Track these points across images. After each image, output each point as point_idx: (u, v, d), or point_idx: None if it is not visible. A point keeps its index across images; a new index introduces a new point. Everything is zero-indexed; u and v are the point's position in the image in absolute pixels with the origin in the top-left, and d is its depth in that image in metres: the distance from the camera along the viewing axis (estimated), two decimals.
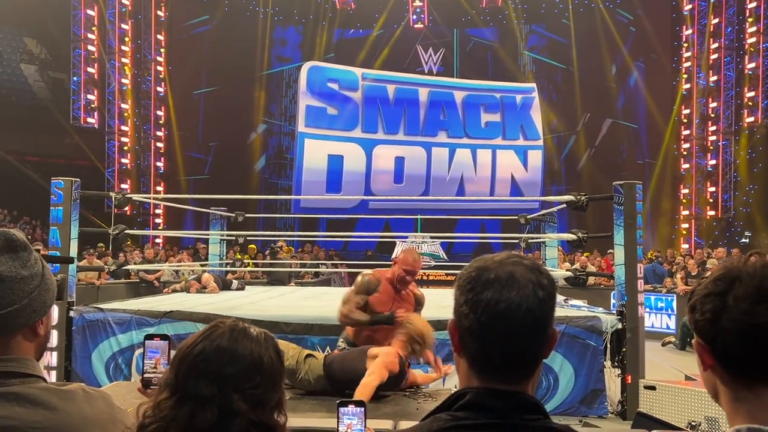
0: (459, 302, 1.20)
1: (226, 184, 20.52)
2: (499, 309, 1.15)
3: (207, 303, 7.17)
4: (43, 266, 1.45)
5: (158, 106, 22.25)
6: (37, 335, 1.42)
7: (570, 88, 23.34)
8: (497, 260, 1.21)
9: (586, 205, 6.66)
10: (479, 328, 1.16)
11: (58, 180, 6.26)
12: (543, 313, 1.18)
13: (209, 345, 1.33)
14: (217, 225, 10.03)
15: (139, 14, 21.85)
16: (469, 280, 1.19)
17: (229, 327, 1.37)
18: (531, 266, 1.20)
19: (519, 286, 1.16)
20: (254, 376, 1.32)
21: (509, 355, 1.17)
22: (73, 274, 6.30)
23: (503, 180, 22.61)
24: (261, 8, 23.21)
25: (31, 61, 24.04)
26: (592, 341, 5.88)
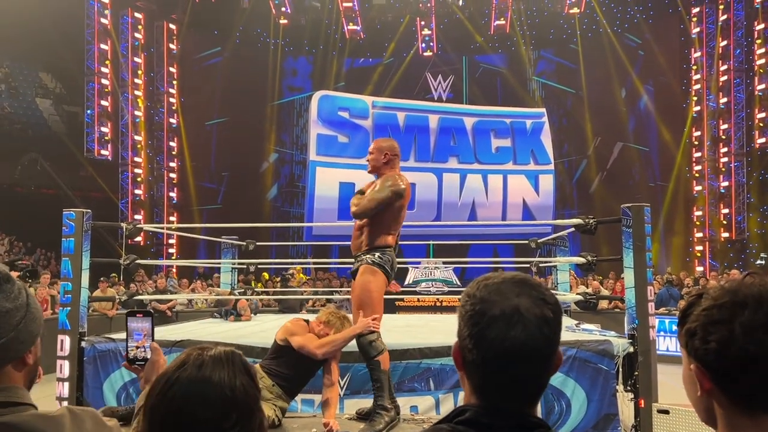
0: (463, 333, 1.20)
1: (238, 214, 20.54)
2: (504, 347, 1.14)
3: (217, 332, 7.18)
4: (27, 296, 1.44)
5: (171, 137, 22.48)
6: (26, 364, 1.42)
7: (580, 112, 23.37)
8: (502, 290, 1.19)
9: (594, 228, 6.63)
10: (483, 363, 1.16)
11: (69, 211, 6.32)
12: (549, 347, 1.17)
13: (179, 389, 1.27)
14: (229, 253, 10.06)
15: (152, 47, 22.18)
16: (473, 314, 1.18)
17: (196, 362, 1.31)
18: (536, 297, 1.19)
19: (524, 323, 1.15)
20: (230, 415, 1.26)
21: (513, 388, 1.17)
22: (85, 304, 6.32)
23: (515, 205, 22.56)
24: (272, 39, 23.49)
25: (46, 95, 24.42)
26: (604, 365, 5.81)
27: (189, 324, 8.97)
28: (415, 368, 5.79)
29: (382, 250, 4.68)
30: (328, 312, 4.88)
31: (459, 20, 23.52)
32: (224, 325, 8.47)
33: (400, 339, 5.88)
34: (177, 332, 7.01)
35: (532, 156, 22.91)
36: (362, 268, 4.67)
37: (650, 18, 22.32)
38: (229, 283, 10.19)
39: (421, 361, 5.77)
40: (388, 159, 4.85)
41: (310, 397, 5.45)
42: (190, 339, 6.19)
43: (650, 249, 6.10)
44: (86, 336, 6.28)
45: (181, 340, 6.13)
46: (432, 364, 5.66)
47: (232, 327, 8.18)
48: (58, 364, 6.14)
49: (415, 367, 5.79)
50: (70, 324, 6.14)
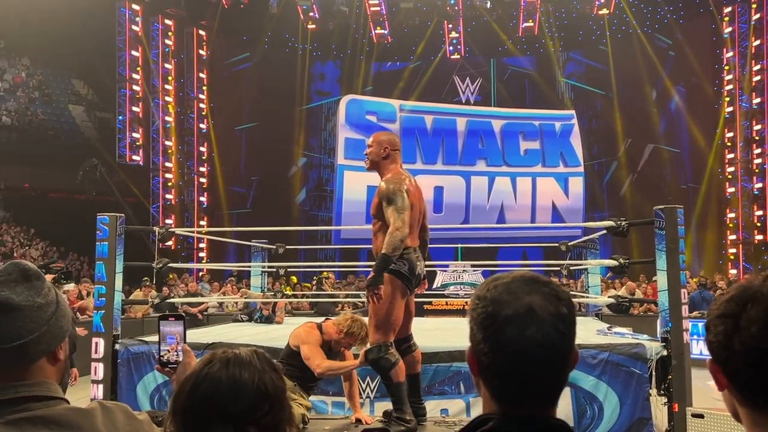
0: (476, 337, 1.16)
1: (267, 217, 20.73)
2: (519, 348, 1.11)
3: (249, 335, 7.23)
4: (56, 293, 1.49)
5: (201, 142, 22.69)
6: (58, 360, 1.46)
7: (610, 114, 23.15)
8: (513, 290, 1.16)
9: (626, 230, 6.57)
10: (499, 366, 1.14)
11: (103, 216, 6.42)
12: (565, 344, 1.15)
13: (209, 386, 1.31)
14: (259, 257, 10.13)
15: (182, 54, 22.42)
16: (486, 315, 1.15)
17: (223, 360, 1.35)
18: (549, 293, 1.16)
19: (539, 322, 1.12)
20: (263, 405, 1.30)
21: (532, 389, 1.15)
22: (118, 308, 6.41)
23: (544, 208, 22.41)
24: (300, 44, 23.62)
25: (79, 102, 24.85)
26: (636, 369, 5.75)
27: (220, 327, 9.04)
28: (445, 371, 5.79)
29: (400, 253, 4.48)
30: (350, 320, 4.78)
31: (486, 23, 23.43)
32: (255, 327, 8.52)
33: (430, 342, 5.87)
34: (208, 335, 7.07)
35: (561, 158, 22.75)
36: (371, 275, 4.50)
37: (681, 18, 22.05)
38: (259, 286, 10.25)
39: (451, 364, 5.77)
40: (387, 153, 4.67)
41: (341, 400, 5.47)
42: (222, 341, 6.24)
43: (683, 251, 6.02)
44: (120, 338, 6.36)
45: (213, 343, 6.19)
46: (462, 367, 5.65)
47: (262, 330, 8.23)
48: (93, 367, 6.23)
49: (445, 370, 5.79)
50: (104, 327, 6.23)
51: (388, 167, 4.65)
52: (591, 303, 9.69)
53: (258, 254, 10.14)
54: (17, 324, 1.38)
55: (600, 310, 9.71)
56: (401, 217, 4.31)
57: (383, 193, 4.45)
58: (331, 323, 4.88)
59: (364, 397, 5.62)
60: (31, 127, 23.42)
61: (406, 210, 4.34)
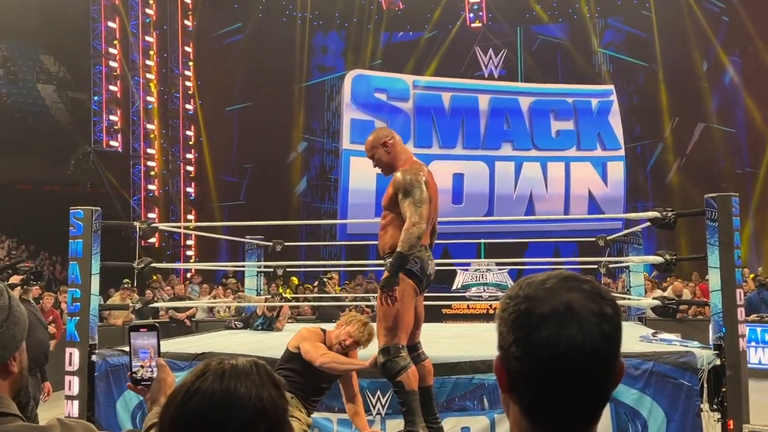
0: (507, 341, 1.14)
1: (263, 210, 20.78)
2: (558, 351, 1.09)
3: (243, 343, 7.25)
4: (9, 298, 1.48)
5: (187, 125, 22.76)
6: (10, 372, 1.45)
7: (654, 89, 23.04)
8: (549, 287, 1.14)
9: (673, 223, 6.53)
10: (533, 372, 1.11)
11: (77, 209, 6.40)
12: (610, 350, 1.12)
13: (202, 400, 1.28)
14: (254, 255, 10.14)
15: (165, 25, 22.44)
16: (518, 314, 1.13)
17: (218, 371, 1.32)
18: (590, 291, 1.13)
19: (580, 321, 1.09)
20: (259, 423, 1.28)
21: (570, 403, 1.12)
22: (95, 314, 6.42)
23: (579, 197, 22.36)
24: (299, 13, 23.60)
25: (49, 81, 24.89)
26: (685, 380, 5.72)
27: (210, 335, 9.06)
28: (466, 384, 5.78)
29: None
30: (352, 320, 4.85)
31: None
32: (251, 335, 8.54)
33: (449, 351, 5.87)
34: (197, 344, 7.09)
35: (598, 140, 22.68)
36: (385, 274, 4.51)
37: None
38: (254, 288, 10.27)
39: (473, 377, 5.75)
40: (388, 146, 4.73)
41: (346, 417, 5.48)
42: (213, 351, 6.25)
43: (739, 246, 5.99)
44: (97, 349, 6.38)
45: (202, 353, 6.20)
46: (486, 379, 5.64)
47: (258, 338, 8.25)
48: (67, 381, 6.24)
49: (467, 383, 5.78)
50: (80, 335, 6.23)
51: (399, 158, 4.72)
52: (633, 305, 9.65)
53: (253, 252, 10.16)
54: None
55: (644, 314, 9.67)
56: (419, 211, 4.35)
57: (400, 184, 4.48)
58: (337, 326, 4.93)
59: (374, 414, 5.63)
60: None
61: (424, 203, 4.39)
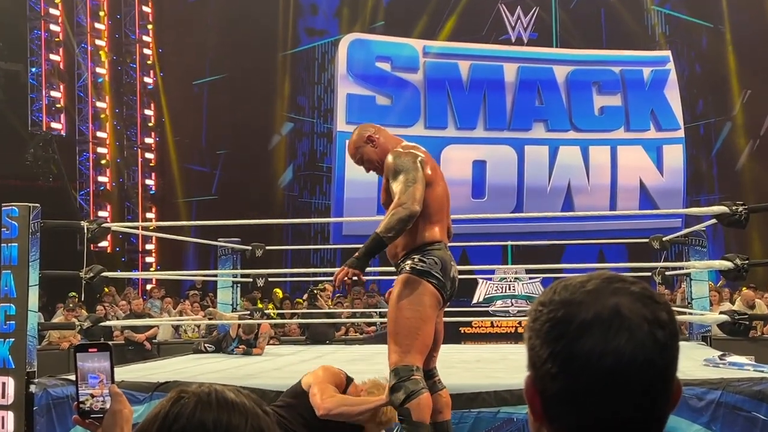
0: (540, 356, 1.13)
1: (240, 207, 20.81)
2: (605, 365, 1.08)
3: (215, 370, 7.27)
4: None
5: (146, 103, 22.77)
6: None
7: (721, 55, 23.06)
8: (591, 289, 1.13)
9: (745, 219, 6.53)
10: (575, 392, 1.10)
11: (10, 207, 6.41)
12: (665, 362, 1.12)
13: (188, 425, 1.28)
14: (228, 262, 10.16)
15: None
16: (554, 322, 1.12)
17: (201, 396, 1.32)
18: (640, 294, 1.13)
19: (630, 328, 1.09)
20: None
21: (622, 427, 1.11)
22: (33, 334, 6.44)
23: (628, 188, 22.39)
24: None
25: None
26: (761, 414, 5.74)
27: (176, 359, 9.09)
28: (491, 419, 5.79)
29: (425, 249, 4.43)
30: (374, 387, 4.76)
31: None
32: (225, 360, 8.55)
33: (469, 379, 5.89)
34: (160, 371, 7.11)
35: (652, 119, 22.70)
36: (398, 280, 4.44)
37: None
38: (229, 302, 10.30)
39: (498, 410, 5.77)
40: (374, 141, 4.76)
41: None
42: (178, 380, 6.27)
43: None
44: (36, 377, 6.39)
45: (166, 382, 6.21)
46: (515, 413, 5.65)
47: (234, 364, 8.26)
48: (0, 417, 6.26)
49: (491, 418, 5.79)
50: (14, 361, 6.25)
51: (387, 147, 4.70)
52: (696, 321, 9.66)
53: (227, 258, 10.18)
54: None
55: (708, 332, 9.68)
56: (409, 191, 4.30)
57: (389, 167, 4.50)
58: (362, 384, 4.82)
59: None
60: None
61: (418, 182, 4.34)
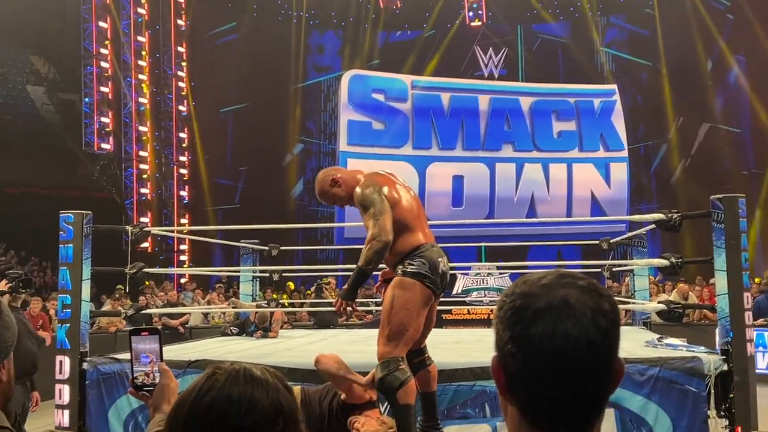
0: (503, 338, 1.14)
1: (259, 214, 20.73)
2: (554, 345, 1.09)
3: (237, 350, 7.23)
4: None
5: (181, 127, 22.74)
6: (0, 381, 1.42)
7: (658, 88, 23.06)
8: (545, 283, 1.15)
9: (678, 225, 6.51)
10: (530, 368, 1.11)
11: (67, 213, 6.39)
12: (607, 344, 1.12)
13: (218, 395, 1.28)
14: (249, 260, 10.13)
15: (157, 24, 22.42)
16: (514, 310, 1.13)
17: (232, 372, 1.33)
18: (587, 287, 1.14)
19: (575, 315, 1.10)
20: (277, 422, 1.29)
21: (568, 400, 1.12)
22: (86, 320, 6.40)
23: (582, 199, 22.37)
24: (294, 11, 23.59)
25: (39, 82, 24.84)
26: (692, 386, 5.70)
27: (205, 342, 9.05)
28: (467, 391, 5.75)
29: (412, 255, 4.34)
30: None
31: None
32: (246, 342, 8.52)
33: (450, 358, 5.84)
34: (191, 351, 7.06)
35: (601, 141, 22.68)
36: (392, 282, 4.36)
37: None
38: (249, 293, 10.26)
39: (474, 383, 5.73)
40: (338, 181, 4.65)
41: None
42: (207, 359, 6.23)
43: (746, 248, 5.97)
44: (88, 356, 6.36)
45: (197, 361, 6.18)
46: (488, 386, 5.61)
47: (253, 345, 8.24)
48: (57, 389, 6.22)
49: (468, 390, 5.75)
50: (70, 343, 6.22)
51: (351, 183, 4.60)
52: (638, 310, 9.63)
53: (248, 257, 10.14)
54: None
55: (648, 319, 9.65)
56: (379, 224, 4.24)
57: (357, 201, 4.43)
58: None
59: None
60: None
61: (385, 212, 4.27)
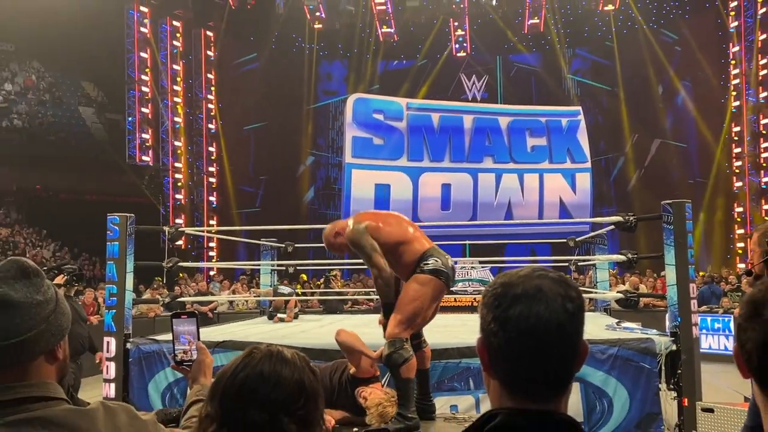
0: (486, 320, 1.18)
1: (276, 216, 20.69)
2: (528, 324, 1.12)
3: (256, 333, 7.24)
4: (55, 291, 1.47)
5: (210, 142, 22.72)
6: (57, 359, 1.43)
7: (616, 109, 23.04)
8: (522, 275, 1.19)
9: (634, 226, 6.53)
10: (509, 345, 1.14)
11: (113, 216, 6.43)
12: (573, 326, 1.15)
13: (252, 372, 1.31)
14: (268, 255, 10.15)
15: (190, 55, 22.44)
16: (496, 296, 1.17)
17: (266, 353, 1.35)
18: (557, 279, 1.18)
19: (547, 300, 1.14)
20: (300, 398, 1.30)
21: (541, 372, 1.14)
22: (129, 307, 6.42)
23: (551, 204, 22.33)
24: (307, 44, 23.59)
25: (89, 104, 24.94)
26: (646, 364, 5.71)
27: (230, 325, 9.05)
28: (454, 368, 5.77)
29: (423, 260, 4.32)
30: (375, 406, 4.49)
31: (492, 20, 23.36)
32: (266, 326, 8.53)
33: (440, 339, 5.83)
34: (219, 333, 7.08)
35: (568, 154, 22.65)
36: (412, 278, 4.32)
37: (687, 13, 21.93)
38: (269, 284, 10.27)
39: (460, 361, 5.75)
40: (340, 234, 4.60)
41: None
42: (233, 339, 6.24)
43: (692, 246, 5.98)
44: (131, 338, 6.38)
45: (224, 341, 6.19)
46: (471, 363, 5.63)
47: (273, 327, 8.24)
48: (105, 366, 6.25)
49: (455, 367, 5.77)
50: (116, 326, 6.24)
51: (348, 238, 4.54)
52: (600, 298, 9.65)
53: (267, 253, 10.17)
54: (15, 321, 1.36)
55: (608, 305, 9.67)
56: (373, 261, 4.28)
57: (350, 245, 4.44)
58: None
59: None
60: (42, 130, 23.51)
61: (374, 251, 4.29)
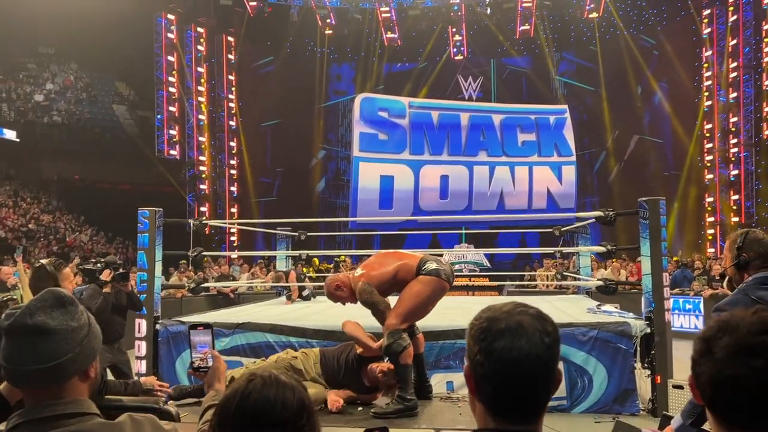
0: (473, 350, 1.20)
1: (291, 205, 20.81)
2: (511, 357, 1.15)
3: (274, 314, 7.25)
4: (88, 317, 1.50)
5: (231, 137, 22.70)
6: (89, 377, 1.46)
7: (599, 108, 22.92)
8: (505, 311, 1.21)
9: (613, 220, 6.54)
10: (493, 374, 1.16)
11: (144, 210, 6.43)
12: (550, 357, 1.18)
13: (259, 398, 1.28)
14: (283, 243, 10.17)
15: (213, 58, 22.38)
16: (482, 330, 1.20)
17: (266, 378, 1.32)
18: (536, 315, 1.21)
19: (527, 335, 1.16)
20: (302, 416, 1.29)
21: (522, 398, 1.17)
22: (158, 291, 6.44)
23: (540, 193, 22.29)
24: (318, 48, 23.49)
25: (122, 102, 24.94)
26: (623, 345, 5.74)
27: (249, 306, 9.09)
28: (450, 348, 5.80)
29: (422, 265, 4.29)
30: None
31: (487, 26, 23.19)
32: (281, 308, 8.55)
33: (437, 321, 5.84)
34: (238, 315, 7.10)
35: (555, 149, 22.59)
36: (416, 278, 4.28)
37: (664, 20, 21.75)
38: (284, 269, 10.30)
39: (455, 341, 5.77)
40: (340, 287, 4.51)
41: None
42: (251, 322, 6.27)
43: (665, 239, 5.98)
44: (160, 319, 6.41)
45: (243, 323, 6.21)
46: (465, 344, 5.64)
47: (287, 309, 8.26)
48: (136, 345, 6.28)
49: (450, 347, 5.79)
50: (146, 309, 6.27)
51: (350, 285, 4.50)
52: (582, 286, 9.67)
53: (282, 241, 10.19)
54: (53, 346, 1.39)
55: (590, 289, 9.69)
56: (384, 316, 4.27)
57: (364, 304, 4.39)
58: None
59: None
60: (79, 125, 23.56)
61: (388, 308, 4.29)
